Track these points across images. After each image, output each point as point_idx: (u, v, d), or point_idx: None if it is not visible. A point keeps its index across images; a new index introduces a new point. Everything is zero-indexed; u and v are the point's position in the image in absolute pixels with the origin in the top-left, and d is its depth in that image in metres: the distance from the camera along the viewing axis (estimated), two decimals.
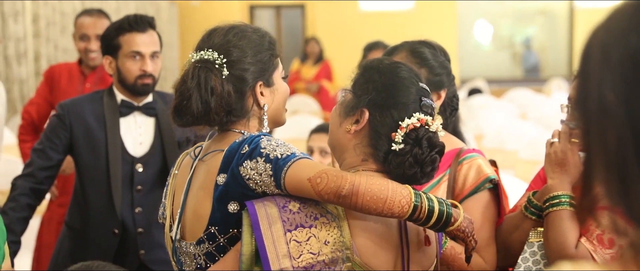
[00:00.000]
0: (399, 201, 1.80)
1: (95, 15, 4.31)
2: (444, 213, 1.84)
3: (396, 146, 1.88)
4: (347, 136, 1.95)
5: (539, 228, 2.19)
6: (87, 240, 3.25)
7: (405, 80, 1.95)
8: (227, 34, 2.05)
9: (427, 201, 1.83)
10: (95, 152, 3.21)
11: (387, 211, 1.80)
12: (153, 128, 3.29)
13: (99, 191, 3.22)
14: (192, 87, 1.97)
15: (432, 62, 2.40)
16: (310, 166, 1.84)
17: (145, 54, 3.17)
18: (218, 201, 1.94)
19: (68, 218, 3.38)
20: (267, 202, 1.84)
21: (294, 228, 1.80)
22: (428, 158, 1.88)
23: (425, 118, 1.90)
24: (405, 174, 1.88)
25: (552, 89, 13.36)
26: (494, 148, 7.20)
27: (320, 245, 1.79)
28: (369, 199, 1.78)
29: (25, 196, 3.12)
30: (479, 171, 2.33)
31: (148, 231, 3.24)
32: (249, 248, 1.80)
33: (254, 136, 1.93)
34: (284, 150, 1.87)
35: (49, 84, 4.39)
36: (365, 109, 1.93)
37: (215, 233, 1.95)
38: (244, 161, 1.89)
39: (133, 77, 3.19)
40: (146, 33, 3.19)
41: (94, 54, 4.27)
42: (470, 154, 2.38)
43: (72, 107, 3.24)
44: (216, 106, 1.97)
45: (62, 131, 3.21)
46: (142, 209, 3.23)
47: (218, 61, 2.00)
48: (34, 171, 3.16)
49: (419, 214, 1.82)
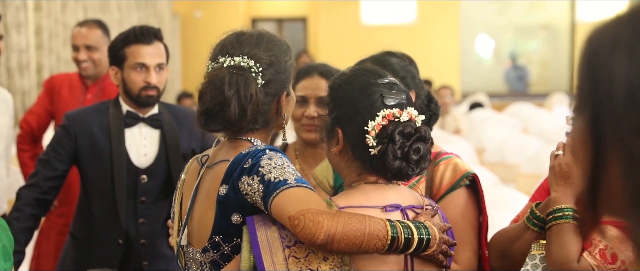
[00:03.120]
0: (376, 239, 1.78)
1: (86, 26, 4.33)
2: (423, 240, 1.84)
3: (373, 150, 1.88)
4: (337, 158, 1.98)
5: (541, 241, 2.18)
6: (92, 250, 3.25)
7: (363, 83, 1.95)
8: (259, 41, 2.05)
9: (404, 230, 1.82)
10: (100, 163, 3.22)
11: (365, 250, 1.79)
12: (158, 140, 3.29)
13: (103, 201, 3.23)
14: (231, 96, 1.95)
15: (395, 66, 2.40)
16: (296, 199, 1.79)
17: (149, 66, 3.18)
18: (221, 211, 1.95)
19: (72, 228, 3.39)
20: (267, 218, 1.84)
21: (293, 243, 1.80)
22: (408, 149, 1.87)
23: (392, 112, 1.89)
24: (394, 172, 1.88)
25: (553, 104, 13.37)
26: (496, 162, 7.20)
27: (319, 261, 1.79)
28: (345, 245, 1.76)
29: (29, 206, 3.12)
30: (455, 169, 2.35)
31: (151, 243, 3.25)
32: (247, 264, 1.81)
33: (258, 151, 1.93)
34: (278, 174, 1.84)
35: (49, 94, 4.39)
36: (338, 129, 1.95)
37: (219, 242, 1.97)
38: (243, 176, 1.89)
39: (137, 88, 3.20)
40: (151, 45, 3.20)
41: (85, 63, 4.28)
42: (446, 156, 2.40)
43: (78, 118, 3.25)
44: (251, 113, 1.98)
45: (67, 142, 3.22)
46: (146, 221, 3.24)
47: (254, 69, 2.00)
48: (39, 182, 3.17)
49: (397, 245, 1.81)
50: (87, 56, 4.27)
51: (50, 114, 4.38)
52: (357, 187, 1.94)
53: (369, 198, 1.90)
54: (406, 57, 2.50)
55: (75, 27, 4.41)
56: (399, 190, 1.96)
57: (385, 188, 1.94)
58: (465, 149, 6.84)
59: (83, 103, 4.20)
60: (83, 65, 4.29)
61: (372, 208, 1.88)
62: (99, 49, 4.28)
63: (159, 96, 3.26)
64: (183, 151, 3.27)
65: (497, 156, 7.42)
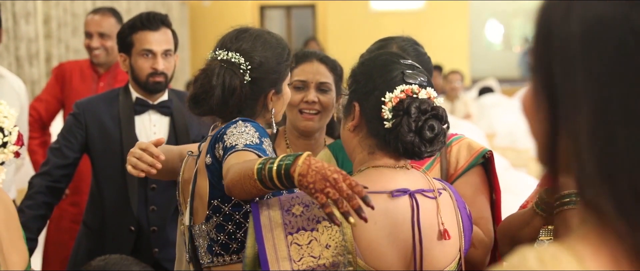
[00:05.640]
0: (247, 178, 1.78)
1: (100, 14, 4.33)
2: (282, 166, 1.71)
3: (388, 123, 1.86)
4: (350, 135, 1.97)
5: (550, 226, 2.17)
6: (104, 238, 3.27)
7: (385, 61, 1.95)
8: (255, 41, 2.23)
9: (268, 161, 1.76)
10: (110, 150, 3.23)
11: (248, 191, 1.81)
12: (168, 126, 3.30)
13: (114, 189, 3.24)
14: (216, 85, 2.15)
15: (423, 56, 2.41)
16: (235, 158, 1.92)
17: (156, 52, 3.18)
18: (212, 176, 2.10)
19: (85, 216, 3.40)
20: (272, 204, 1.84)
21: (295, 231, 1.79)
22: (423, 124, 1.85)
23: (410, 88, 1.88)
24: (406, 146, 1.85)
25: None
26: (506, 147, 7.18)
27: (322, 248, 1.78)
28: (237, 192, 1.86)
29: (41, 194, 3.13)
30: (469, 147, 2.35)
31: (162, 230, 3.26)
32: (252, 251, 1.81)
33: (232, 122, 2.09)
34: (234, 140, 2.01)
35: (59, 81, 4.39)
36: (355, 103, 1.94)
37: (219, 205, 2.12)
38: (217, 143, 2.08)
39: (144, 75, 3.20)
40: (158, 31, 3.20)
41: (97, 51, 4.28)
42: (457, 137, 2.41)
43: (88, 106, 3.27)
44: (232, 104, 2.17)
45: (78, 130, 3.23)
46: (157, 208, 3.25)
47: (243, 67, 2.19)
48: (51, 170, 3.18)
49: (264, 178, 1.75)
50: (99, 43, 4.28)
51: (60, 102, 4.37)
52: (365, 172, 1.92)
53: (376, 183, 1.86)
54: (411, 42, 2.48)
55: (88, 15, 4.41)
56: (408, 174, 1.92)
57: (394, 172, 1.90)
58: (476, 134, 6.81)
59: (95, 91, 4.20)
60: (95, 52, 4.29)
61: (379, 193, 1.85)
62: (112, 37, 4.28)
63: (167, 82, 3.26)
64: (193, 137, 3.27)
65: (508, 141, 7.40)
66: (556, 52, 0.88)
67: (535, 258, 0.86)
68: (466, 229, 1.98)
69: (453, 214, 1.95)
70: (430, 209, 1.90)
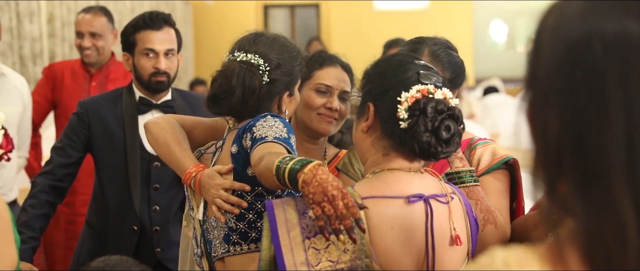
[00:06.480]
0: (269, 172, 1.85)
1: (91, 13, 4.32)
2: (292, 170, 1.75)
3: (403, 123, 1.84)
4: (363, 135, 1.94)
5: None
6: (107, 238, 3.27)
7: (400, 61, 1.94)
8: (272, 44, 2.34)
9: (287, 160, 1.80)
10: (113, 150, 3.23)
11: (272, 184, 1.88)
12: None
13: (117, 188, 3.24)
14: (236, 85, 2.24)
15: (455, 59, 2.39)
16: (261, 149, 2.00)
17: (159, 52, 3.18)
18: (237, 164, 2.19)
19: (88, 216, 3.40)
20: (287, 206, 1.82)
21: (313, 234, 1.77)
22: (439, 123, 1.83)
23: (426, 88, 1.86)
24: (423, 147, 1.82)
25: None
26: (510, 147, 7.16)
27: (340, 252, 1.76)
28: (261, 177, 1.95)
29: (44, 193, 3.13)
30: (493, 153, 2.33)
31: (164, 230, 3.26)
32: (268, 254, 1.79)
33: (261, 116, 2.19)
34: (263, 132, 2.09)
35: (49, 82, 4.36)
36: (370, 103, 1.92)
37: (242, 193, 2.19)
38: (245, 134, 2.16)
39: (147, 74, 3.20)
40: (161, 30, 3.19)
41: (88, 51, 4.28)
42: (483, 141, 2.40)
43: (91, 106, 3.27)
44: (251, 104, 2.26)
45: (81, 129, 3.23)
46: (159, 208, 3.24)
47: (262, 68, 2.28)
48: (54, 169, 3.18)
49: (281, 177, 1.80)
50: (91, 43, 4.27)
51: (50, 103, 4.35)
52: (379, 174, 1.89)
53: (393, 188, 1.85)
54: (455, 49, 2.47)
55: (79, 14, 4.39)
56: (422, 178, 1.91)
57: (409, 176, 1.89)
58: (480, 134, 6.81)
59: (88, 91, 4.20)
60: (86, 52, 4.29)
61: (395, 198, 1.84)
62: (103, 37, 4.27)
63: (170, 81, 3.26)
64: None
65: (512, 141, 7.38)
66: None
67: (502, 260, 0.90)
68: (473, 233, 1.97)
69: (463, 219, 1.95)
70: (443, 214, 1.89)
